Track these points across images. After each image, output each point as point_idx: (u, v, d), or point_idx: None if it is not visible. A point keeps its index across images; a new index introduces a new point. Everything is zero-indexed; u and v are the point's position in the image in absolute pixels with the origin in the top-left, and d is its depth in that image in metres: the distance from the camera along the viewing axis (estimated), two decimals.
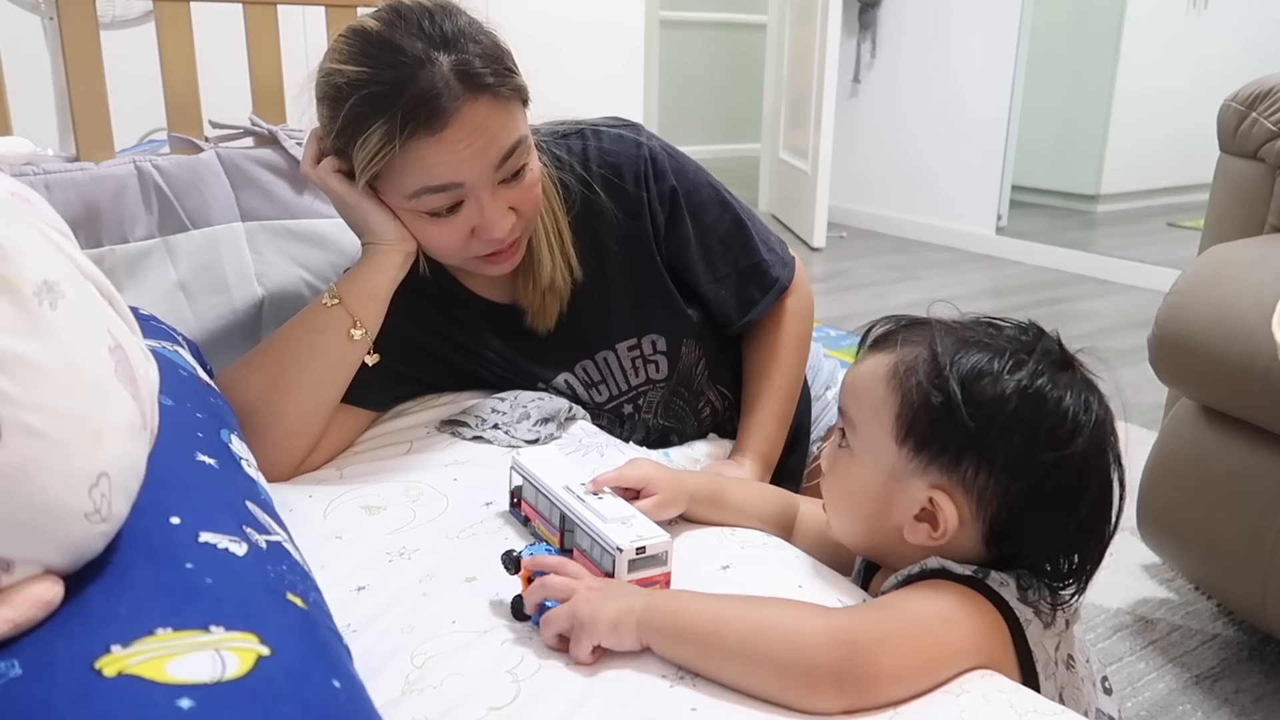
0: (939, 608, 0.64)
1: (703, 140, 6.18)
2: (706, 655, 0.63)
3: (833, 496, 0.76)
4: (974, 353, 0.68)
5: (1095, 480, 0.69)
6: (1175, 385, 1.31)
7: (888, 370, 0.71)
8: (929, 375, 0.68)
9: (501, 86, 0.92)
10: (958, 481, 0.68)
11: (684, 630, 0.63)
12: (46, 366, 0.45)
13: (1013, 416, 0.66)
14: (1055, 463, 0.66)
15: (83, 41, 1.16)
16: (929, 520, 0.69)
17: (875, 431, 0.71)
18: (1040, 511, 0.68)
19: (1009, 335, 0.71)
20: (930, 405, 0.67)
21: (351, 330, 0.98)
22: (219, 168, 1.22)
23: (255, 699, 0.43)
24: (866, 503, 0.72)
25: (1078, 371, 0.70)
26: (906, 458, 0.69)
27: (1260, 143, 1.30)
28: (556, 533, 0.79)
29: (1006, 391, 0.66)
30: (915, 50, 4.04)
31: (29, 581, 0.46)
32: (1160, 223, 4.22)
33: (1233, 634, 1.35)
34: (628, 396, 1.15)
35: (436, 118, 0.88)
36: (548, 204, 1.05)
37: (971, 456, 0.67)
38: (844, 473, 0.74)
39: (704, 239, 1.12)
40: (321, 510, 0.89)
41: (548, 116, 1.11)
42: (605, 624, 0.64)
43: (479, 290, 1.09)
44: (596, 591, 0.66)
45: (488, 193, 0.93)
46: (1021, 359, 0.68)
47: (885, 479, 0.70)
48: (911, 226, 4.14)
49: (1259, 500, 1.15)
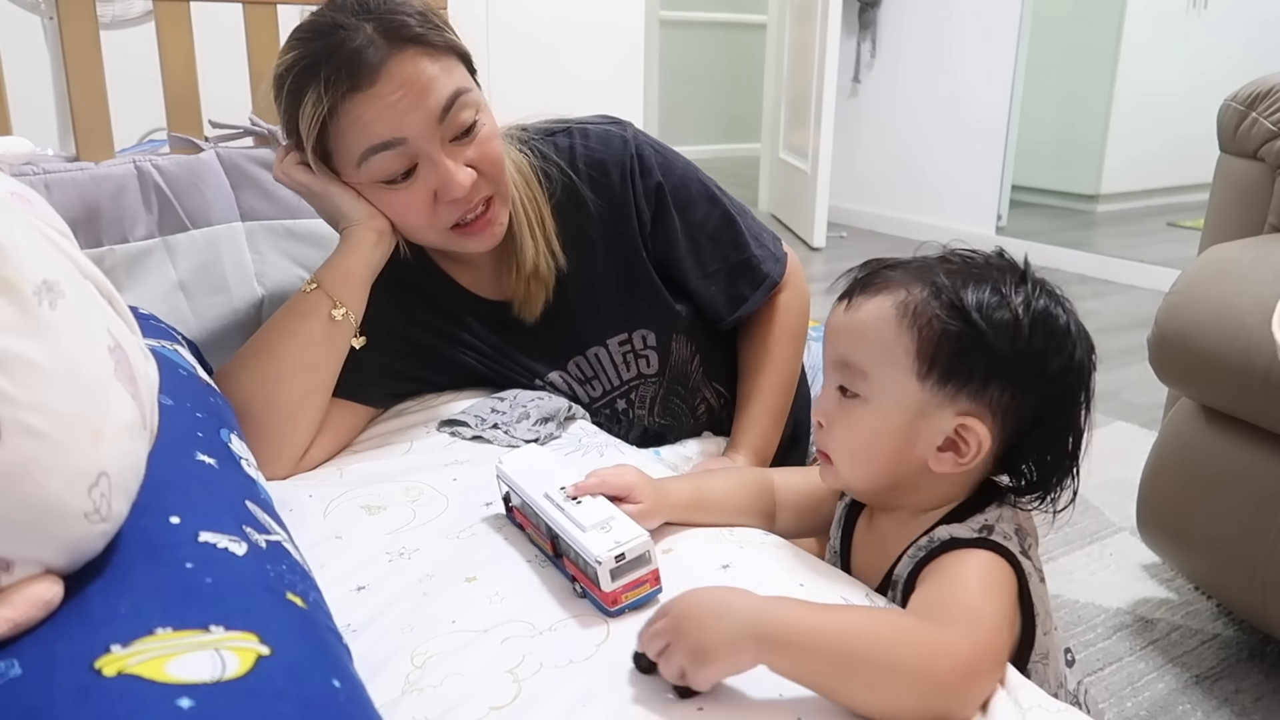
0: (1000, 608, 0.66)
1: (703, 140, 6.19)
2: (828, 677, 0.60)
3: (845, 447, 0.75)
4: (975, 283, 0.71)
5: (1088, 384, 0.73)
6: (1175, 385, 1.31)
7: (894, 311, 0.71)
8: (944, 308, 0.70)
9: (429, 36, 0.93)
10: (985, 405, 0.71)
11: (809, 652, 0.59)
12: (46, 366, 0.45)
13: (1029, 335, 0.70)
14: (1062, 370, 0.71)
15: (83, 41, 1.16)
16: (952, 448, 0.72)
17: (891, 373, 0.71)
18: (1049, 418, 0.72)
19: (993, 264, 0.74)
20: (951, 336, 0.69)
21: (333, 311, 0.99)
22: (219, 167, 1.22)
23: (255, 698, 0.43)
24: (887, 444, 0.73)
25: (1050, 287, 0.74)
26: (931, 391, 0.70)
27: (1260, 142, 1.30)
28: (547, 540, 0.79)
29: (1019, 313, 0.70)
30: (915, 50, 4.04)
31: (29, 581, 0.46)
32: (1160, 222, 4.22)
33: (1233, 634, 1.35)
34: (620, 391, 1.15)
35: (363, 73, 0.90)
36: (528, 190, 1.06)
37: (997, 378, 0.70)
38: (858, 420, 0.74)
39: (692, 235, 1.12)
40: (321, 510, 0.89)
41: (541, 116, 1.12)
42: (719, 652, 0.59)
43: (469, 285, 1.10)
44: (693, 621, 0.60)
45: (437, 149, 0.94)
46: (1016, 282, 0.72)
47: (910, 417, 0.71)
48: (911, 226, 4.14)
49: (1259, 500, 1.15)
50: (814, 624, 0.61)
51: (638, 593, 0.71)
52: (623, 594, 0.71)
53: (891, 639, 0.61)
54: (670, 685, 0.61)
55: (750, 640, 0.59)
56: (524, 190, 1.05)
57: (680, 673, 0.60)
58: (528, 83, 2.64)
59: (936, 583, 0.69)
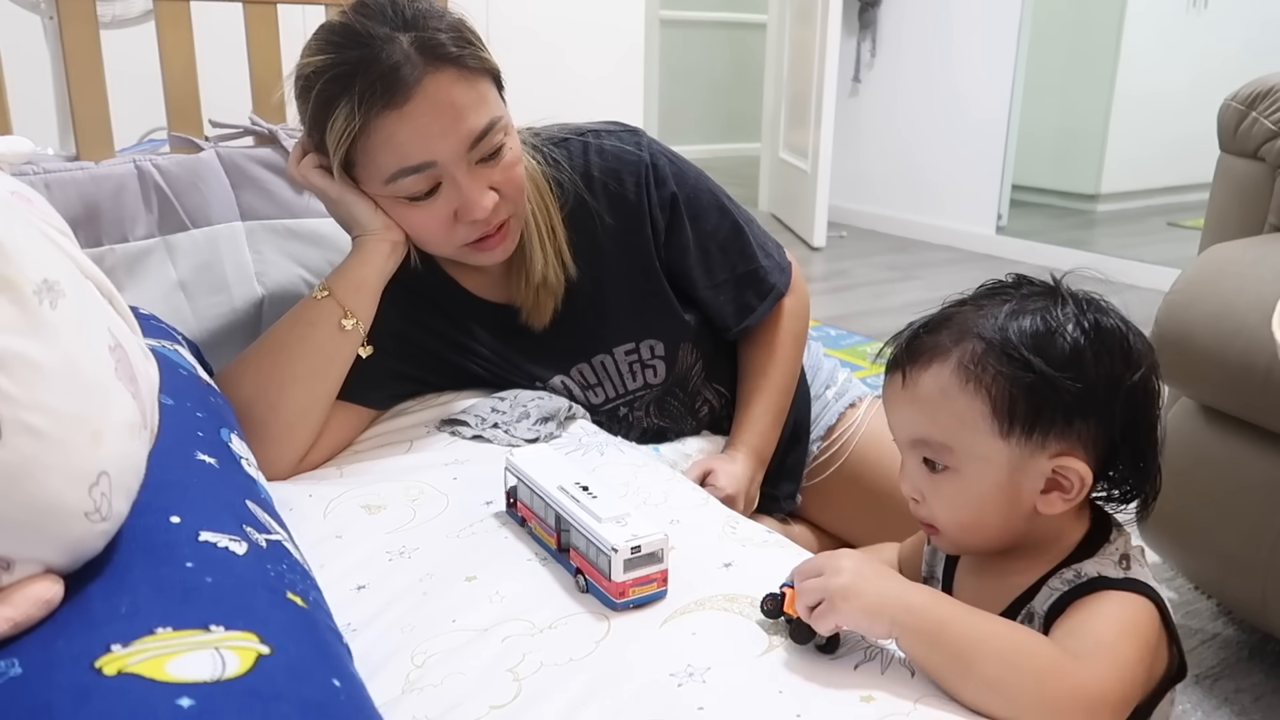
0: (1137, 653, 0.65)
1: (702, 140, 6.18)
2: (954, 668, 0.62)
3: (952, 520, 0.73)
4: (1019, 320, 0.69)
5: (1158, 377, 0.71)
6: (1175, 385, 1.31)
7: (955, 379, 0.69)
8: (1002, 361, 0.68)
9: (465, 57, 0.92)
10: (1074, 440, 0.69)
11: (944, 639, 0.63)
12: (47, 365, 0.45)
13: (1095, 360, 0.68)
14: (1138, 380, 0.69)
15: (83, 41, 1.16)
16: (1056, 488, 0.70)
17: (974, 439, 0.69)
18: (1136, 429, 0.70)
19: (1024, 294, 0.72)
20: (1022, 387, 0.67)
21: (343, 321, 0.99)
22: (219, 167, 1.22)
23: (255, 698, 0.43)
24: (993, 506, 0.71)
25: (1088, 294, 0.72)
26: (1018, 446, 0.68)
27: (1260, 142, 1.30)
28: (553, 533, 0.79)
29: (1078, 341, 0.68)
30: (915, 49, 4.04)
31: (29, 580, 0.46)
32: (1160, 222, 4.22)
33: (1233, 633, 1.35)
34: (624, 400, 1.15)
35: (398, 90, 0.89)
36: (540, 200, 1.05)
37: (1078, 414, 0.68)
38: (955, 494, 0.72)
39: (703, 245, 1.12)
40: (321, 509, 0.89)
41: (549, 117, 1.11)
42: (861, 606, 0.63)
43: (475, 290, 1.10)
44: (857, 574, 0.65)
45: (464, 172, 0.93)
46: (1058, 306, 0.70)
47: (1006, 474, 0.69)
48: (911, 226, 4.14)
49: (1259, 500, 1.15)
50: (954, 616, 0.63)
51: (645, 589, 0.72)
52: (630, 587, 0.71)
53: (1029, 651, 0.62)
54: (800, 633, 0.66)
55: (892, 614, 0.63)
56: (535, 199, 1.04)
57: (813, 604, 0.64)
58: (528, 82, 2.64)
59: (1080, 619, 0.67)
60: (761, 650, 0.67)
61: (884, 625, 0.63)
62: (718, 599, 0.73)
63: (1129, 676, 0.63)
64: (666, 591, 0.73)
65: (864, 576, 0.65)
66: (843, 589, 0.64)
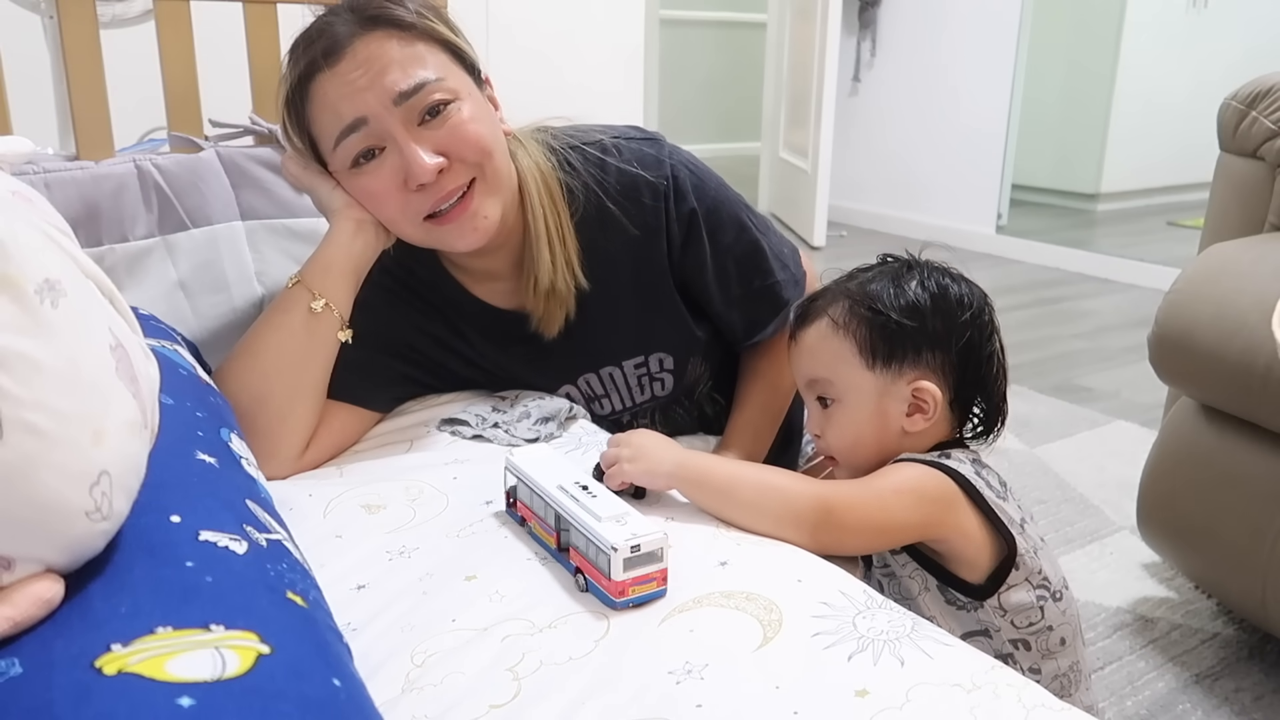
0: (892, 483, 0.84)
1: (702, 139, 6.18)
2: (722, 502, 0.85)
3: (841, 444, 0.91)
4: (878, 282, 0.89)
5: (991, 320, 0.90)
6: (1175, 384, 1.31)
7: (830, 328, 0.89)
8: (862, 311, 0.88)
9: (403, 18, 0.93)
10: (925, 367, 0.88)
11: (709, 482, 0.86)
12: (48, 364, 0.45)
13: (932, 305, 0.87)
14: (971, 319, 0.88)
15: (83, 41, 1.16)
16: (917, 410, 0.88)
17: (848, 374, 0.89)
18: (976, 359, 0.89)
19: (886, 266, 0.92)
20: (877, 328, 0.87)
21: (312, 304, 0.98)
22: (219, 167, 1.22)
23: (255, 697, 0.43)
24: (868, 428, 0.89)
25: (936, 264, 0.92)
26: (881, 374, 0.88)
27: (1260, 141, 1.30)
28: (552, 532, 0.79)
29: (918, 292, 0.88)
30: (915, 49, 4.04)
31: (29, 580, 0.46)
32: (1160, 221, 4.22)
33: (1232, 633, 1.35)
34: (630, 411, 1.15)
35: (332, 52, 0.91)
36: (550, 203, 1.03)
37: (925, 345, 0.87)
38: (840, 420, 0.90)
39: (720, 260, 1.10)
40: (321, 509, 0.90)
41: (561, 120, 1.09)
42: (643, 468, 0.86)
43: (486, 297, 1.08)
44: (640, 445, 0.87)
45: (400, 130, 0.92)
46: (905, 271, 0.90)
47: (876, 399, 0.88)
48: (911, 225, 4.14)
49: (1259, 499, 1.15)
50: (717, 463, 0.89)
51: (644, 589, 0.72)
52: (630, 586, 0.71)
53: (775, 481, 0.85)
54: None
55: (670, 467, 0.86)
56: (546, 202, 1.02)
57: (622, 477, 0.86)
58: (528, 82, 2.64)
59: (874, 474, 0.86)
60: (758, 647, 0.67)
61: (663, 480, 0.87)
62: (715, 596, 0.73)
63: (877, 503, 0.82)
64: (666, 590, 0.73)
65: (646, 447, 0.87)
66: (630, 456, 0.86)
